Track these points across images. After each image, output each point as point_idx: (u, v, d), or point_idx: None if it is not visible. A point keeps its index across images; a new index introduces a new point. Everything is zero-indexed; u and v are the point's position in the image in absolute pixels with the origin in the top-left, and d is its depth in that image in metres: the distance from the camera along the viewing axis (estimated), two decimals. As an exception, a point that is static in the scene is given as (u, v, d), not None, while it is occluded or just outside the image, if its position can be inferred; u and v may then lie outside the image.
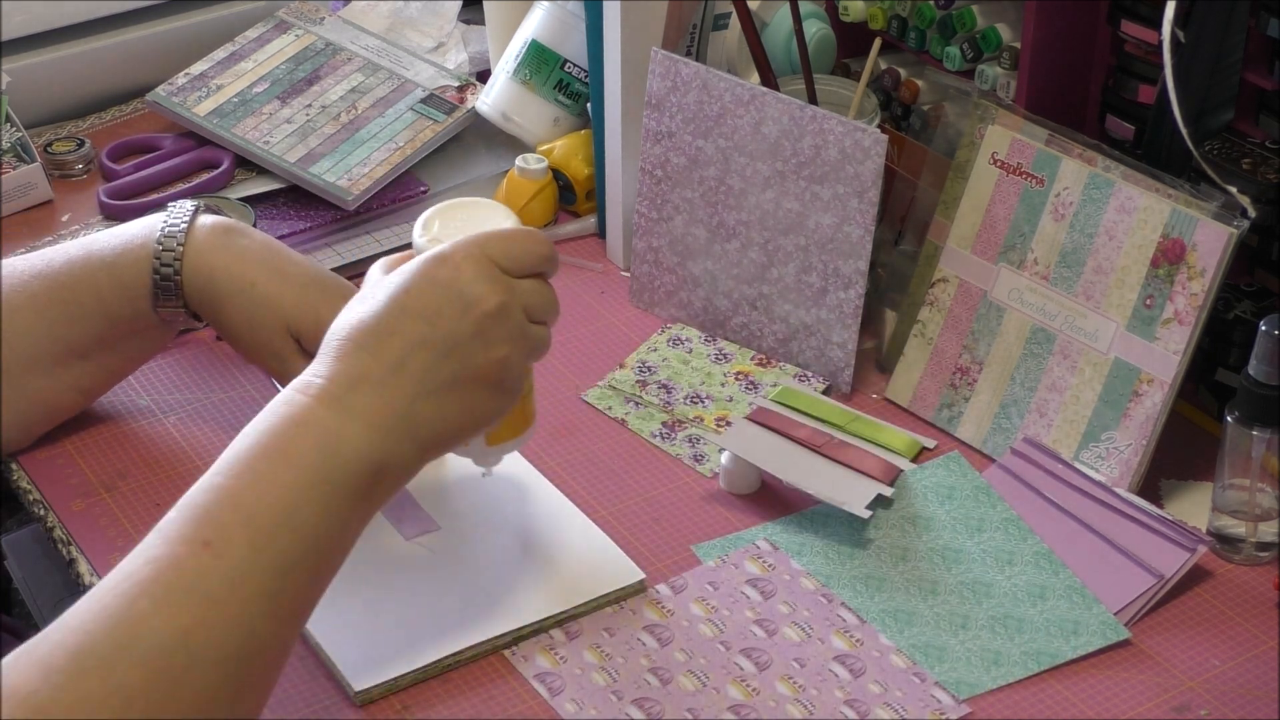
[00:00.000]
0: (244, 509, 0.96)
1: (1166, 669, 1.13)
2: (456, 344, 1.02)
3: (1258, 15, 1.22)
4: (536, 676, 1.11)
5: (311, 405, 1.00)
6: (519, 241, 1.05)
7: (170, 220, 1.25)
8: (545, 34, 1.56)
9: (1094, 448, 1.25)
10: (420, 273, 1.03)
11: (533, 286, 1.06)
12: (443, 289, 1.02)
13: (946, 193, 1.32)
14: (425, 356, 1.01)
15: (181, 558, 0.95)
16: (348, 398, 1.00)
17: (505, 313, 1.03)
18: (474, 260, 1.03)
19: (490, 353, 1.03)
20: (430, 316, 1.02)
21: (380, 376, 1.01)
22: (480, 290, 1.02)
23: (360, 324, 1.02)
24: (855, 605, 1.17)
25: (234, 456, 0.99)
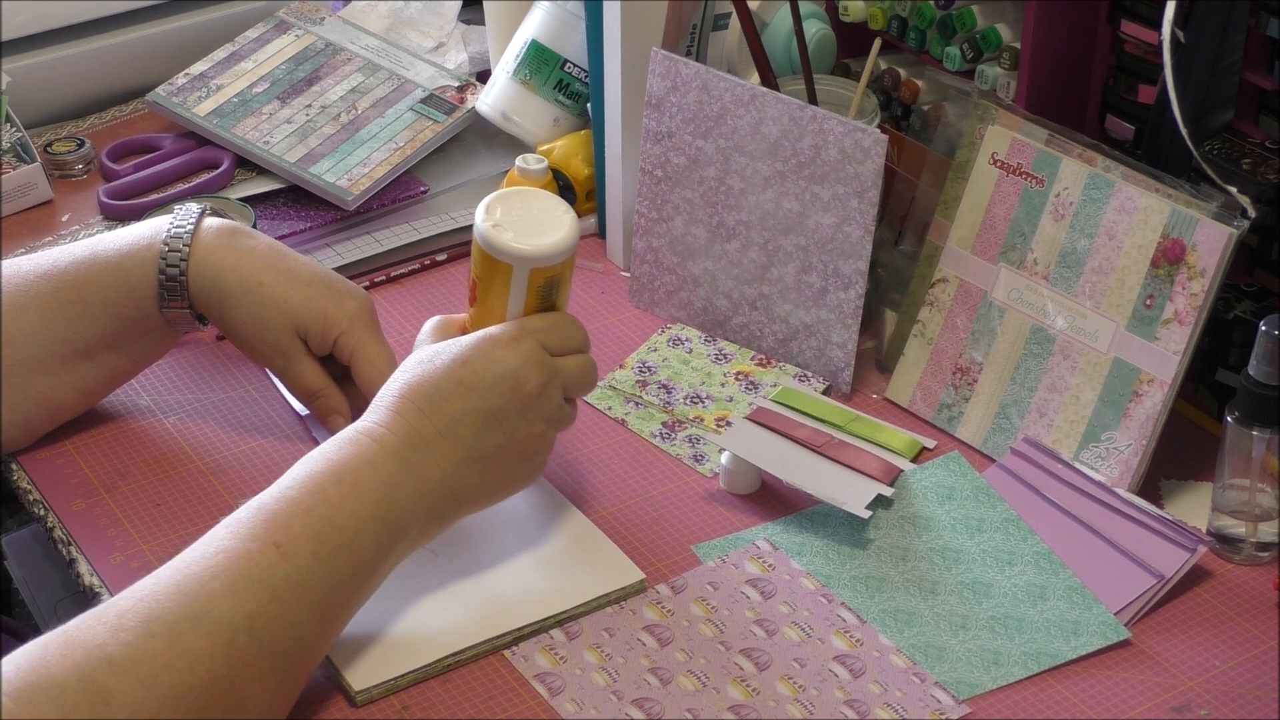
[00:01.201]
0: (314, 524, 1.06)
1: (1166, 669, 1.13)
2: (503, 418, 1.13)
3: (1258, 15, 1.22)
4: (536, 676, 1.11)
5: (379, 452, 1.10)
6: (562, 328, 1.17)
7: (176, 222, 1.26)
8: (545, 34, 1.56)
9: (1094, 448, 1.25)
10: (477, 350, 1.14)
11: (574, 365, 1.18)
12: (496, 367, 1.13)
13: (946, 193, 1.32)
14: (474, 425, 1.12)
15: (253, 552, 1.03)
16: (405, 451, 1.10)
17: (547, 393, 1.15)
18: (524, 344, 1.14)
19: (530, 428, 1.15)
20: (483, 391, 1.13)
21: (432, 438, 1.11)
22: (528, 372, 1.14)
23: (419, 386, 1.13)
24: (855, 605, 1.17)
25: (307, 476, 1.08)
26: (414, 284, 1.49)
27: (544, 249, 1.15)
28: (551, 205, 1.18)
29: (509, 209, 1.16)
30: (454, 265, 1.51)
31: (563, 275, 1.17)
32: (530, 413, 1.14)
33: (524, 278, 1.15)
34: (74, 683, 0.96)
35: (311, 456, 1.10)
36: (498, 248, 1.15)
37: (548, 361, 1.15)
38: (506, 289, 1.16)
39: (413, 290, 1.48)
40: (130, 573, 1.19)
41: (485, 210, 1.16)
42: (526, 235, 1.15)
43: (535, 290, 1.16)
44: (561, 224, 1.16)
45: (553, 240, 1.15)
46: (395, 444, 1.10)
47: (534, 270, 1.15)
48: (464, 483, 1.13)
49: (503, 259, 1.15)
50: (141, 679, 0.97)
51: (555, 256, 1.16)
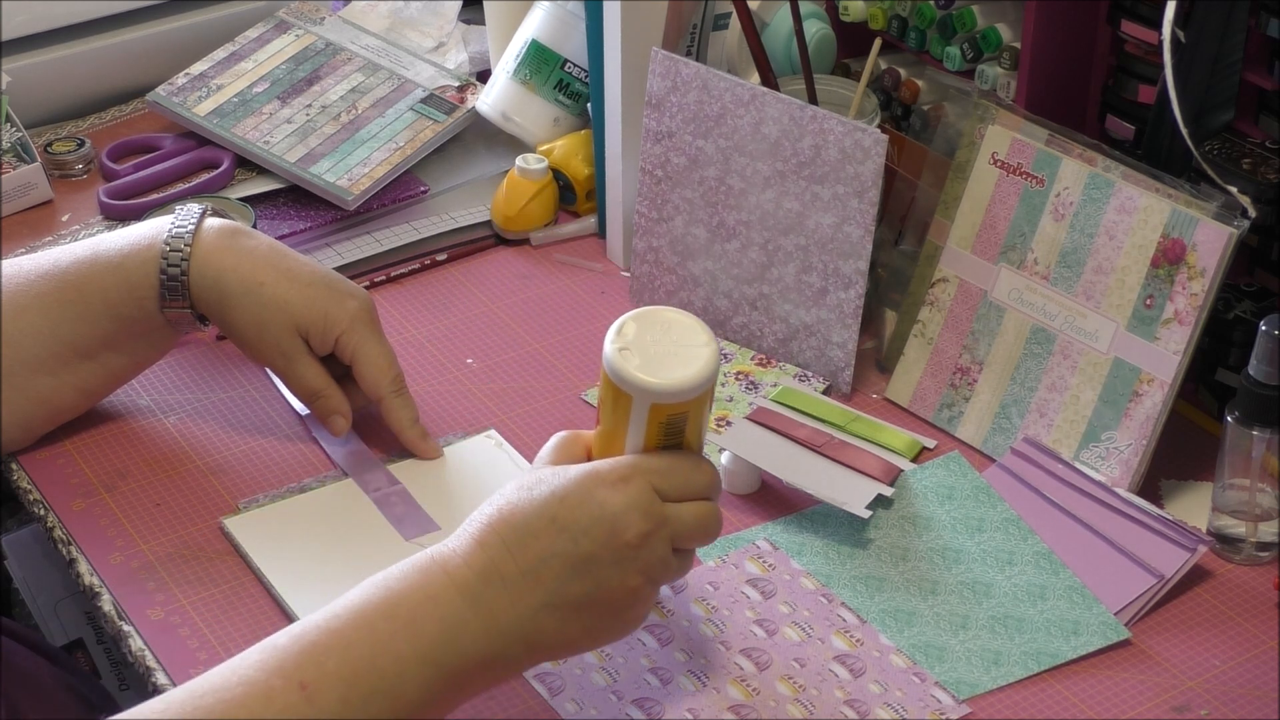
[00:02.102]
0: (351, 664, 0.97)
1: (1166, 669, 1.13)
2: (594, 566, 1.01)
3: (1258, 15, 1.22)
4: (536, 676, 1.11)
5: (446, 585, 1.00)
6: (683, 471, 1.04)
7: (178, 222, 1.26)
8: (545, 34, 1.56)
9: (1094, 448, 1.25)
10: (579, 485, 1.02)
11: (690, 513, 1.04)
12: (595, 509, 1.01)
13: (946, 193, 1.32)
14: (560, 570, 1.01)
15: (275, 690, 0.95)
16: (478, 587, 1.00)
17: (649, 544, 1.02)
18: (633, 486, 1.02)
19: (625, 581, 1.02)
20: (575, 533, 1.01)
21: (512, 577, 1.01)
22: (630, 519, 1.01)
23: (511, 517, 1.02)
24: (855, 605, 1.17)
25: (360, 605, 0.99)
26: (414, 284, 1.49)
27: (670, 385, 1.02)
28: (693, 333, 1.04)
29: (644, 331, 1.04)
30: (454, 265, 1.51)
31: (692, 413, 1.04)
32: (626, 563, 1.02)
33: (644, 411, 1.03)
34: None
35: (374, 581, 1.00)
36: (621, 375, 1.02)
37: (656, 509, 1.02)
38: (626, 419, 1.04)
39: (413, 290, 1.48)
40: (130, 573, 1.19)
41: (617, 331, 1.04)
42: (655, 366, 1.02)
43: (657, 425, 1.04)
44: (697, 357, 1.03)
45: (682, 376, 1.02)
46: (469, 578, 1.00)
47: (656, 405, 1.03)
48: (541, 629, 1.01)
49: (624, 388, 1.03)
50: None
51: (682, 394, 1.02)
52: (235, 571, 1.19)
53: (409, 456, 1.28)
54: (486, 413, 1.34)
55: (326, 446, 1.29)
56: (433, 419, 1.32)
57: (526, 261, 1.51)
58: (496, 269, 1.50)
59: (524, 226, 1.52)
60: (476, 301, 1.46)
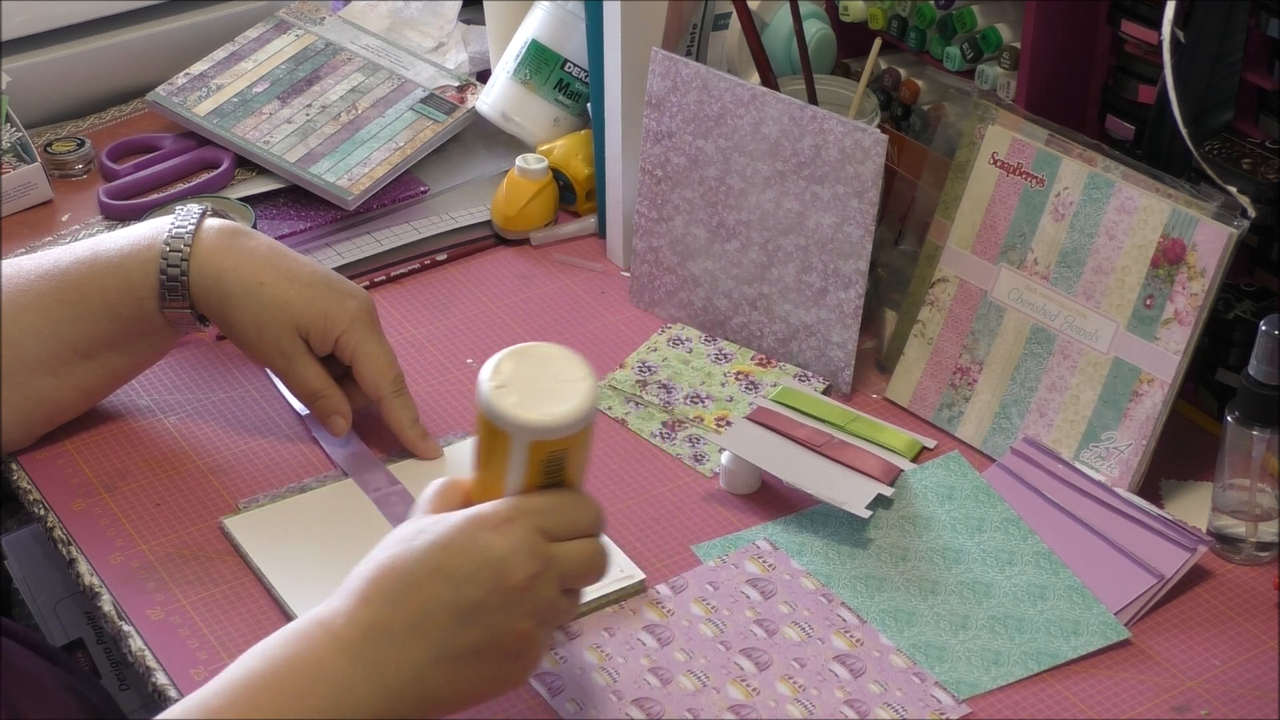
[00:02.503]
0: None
1: (1166, 669, 1.13)
2: (482, 613, 0.98)
3: (1258, 15, 1.22)
4: (536, 676, 1.11)
5: (330, 648, 0.97)
6: (566, 509, 1.02)
7: (178, 222, 1.26)
8: (545, 34, 1.56)
9: (1094, 448, 1.25)
10: (461, 531, 0.99)
11: (576, 551, 1.02)
12: (478, 554, 0.98)
13: (946, 193, 1.32)
14: (447, 620, 0.98)
15: None
16: (364, 645, 0.97)
17: (536, 586, 0.99)
18: (516, 528, 0.99)
19: (515, 625, 0.99)
20: (459, 582, 0.98)
21: (398, 632, 0.97)
22: (516, 561, 0.98)
23: (393, 570, 0.99)
24: (855, 605, 1.17)
25: (240, 680, 0.96)
26: (414, 284, 1.49)
27: (547, 421, 0.99)
28: (570, 368, 1.01)
29: (520, 368, 1.01)
30: (454, 265, 1.51)
31: (571, 449, 1.01)
32: (515, 607, 0.99)
33: (524, 449, 1.00)
34: None
35: (254, 651, 0.97)
36: (498, 414, 0.99)
37: (541, 549, 0.99)
38: (506, 460, 1.01)
39: (413, 290, 1.48)
40: (130, 573, 1.19)
41: (493, 369, 1.01)
42: (531, 402, 0.99)
43: (538, 464, 1.01)
44: (575, 392, 1.00)
45: (560, 411, 0.99)
46: (354, 638, 0.97)
47: (535, 443, 1.00)
48: (433, 684, 0.98)
49: (502, 427, 0.99)
50: None
51: (559, 430, 0.99)
52: (235, 571, 1.19)
53: (409, 456, 1.28)
54: (486, 413, 1.34)
55: (326, 447, 1.29)
56: (433, 419, 1.32)
57: (526, 261, 1.51)
58: (496, 269, 1.50)
59: (524, 226, 1.52)
60: (476, 301, 1.46)
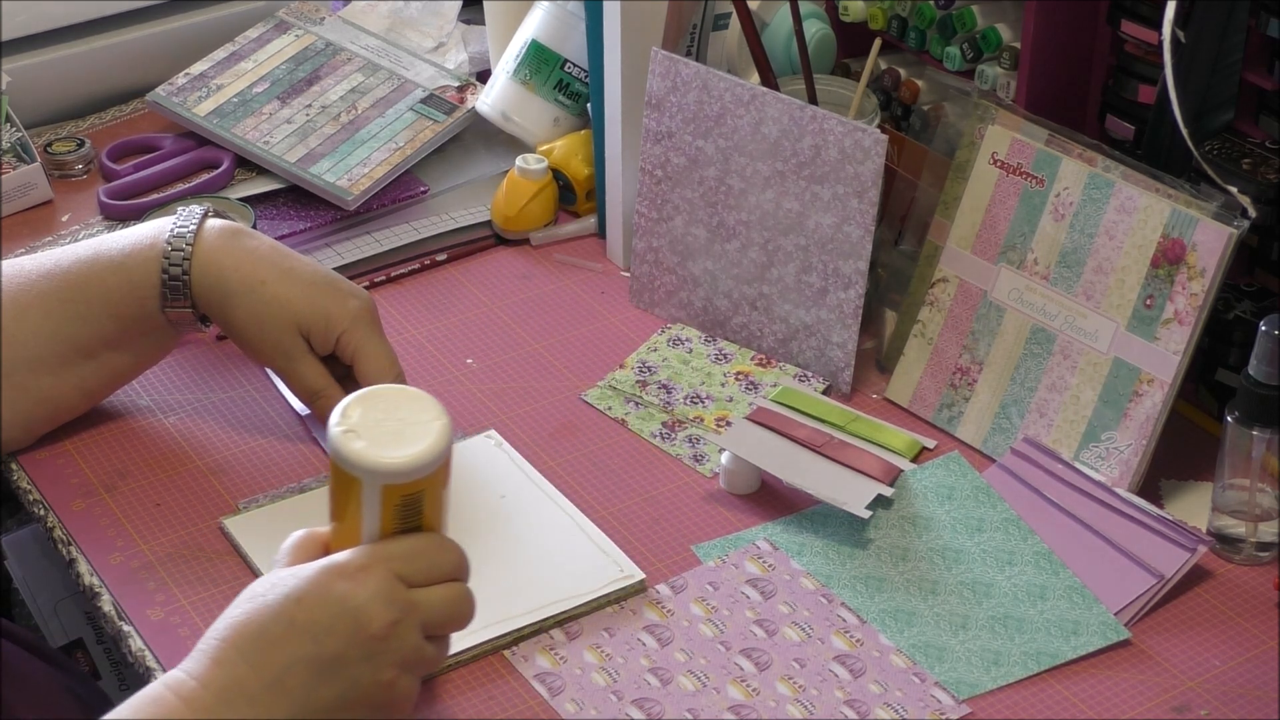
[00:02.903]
0: None
1: (1166, 669, 1.13)
2: (342, 666, 0.96)
3: (1258, 15, 1.22)
4: (536, 676, 1.11)
5: (184, 713, 0.94)
6: (426, 554, 0.99)
7: (179, 222, 1.26)
8: (545, 34, 1.56)
9: (1094, 448, 1.25)
10: (315, 582, 0.96)
11: (438, 596, 1.00)
12: (335, 605, 0.96)
13: (946, 193, 1.32)
14: (307, 676, 0.95)
15: None
16: (219, 710, 0.94)
17: (397, 633, 0.97)
18: (373, 576, 0.97)
19: (378, 675, 0.97)
20: (317, 634, 0.95)
21: (256, 692, 0.95)
22: (374, 610, 0.96)
23: (246, 627, 0.96)
24: (855, 605, 1.17)
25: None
26: (414, 284, 1.49)
27: (397, 464, 0.97)
28: (421, 409, 0.99)
29: (369, 410, 0.99)
30: (454, 265, 1.51)
31: (426, 491, 0.99)
32: (377, 658, 0.97)
33: (376, 494, 0.98)
34: None
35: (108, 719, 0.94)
36: (344, 458, 0.97)
37: (400, 596, 0.97)
38: (359, 505, 0.98)
39: (413, 290, 1.48)
40: (130, 573, 1.19)
41: (341, 412, 0.98)
42: (381, 445, 0.97)
43: (392, 508, 0.99)
44: (426, 433, 0.98)
45: (410, 453, 0.97)
46: (207, 703, 0.93)
47: (387, 487, 0.98)
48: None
49: (352, 473, 0.97)
50: None
51: (410, 473, 0.97)
52: (235, 571, 1.19)
53: (409, 457, 1.28)
54: (486, 413, 1.34)
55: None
56: (433, 419, 1.32)
57: (526, 261, 1.51)
58: (496, 269, 1.50)
59: (524, 226, 1.52)
60: (476, 301, 1.46)
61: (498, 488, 1.25)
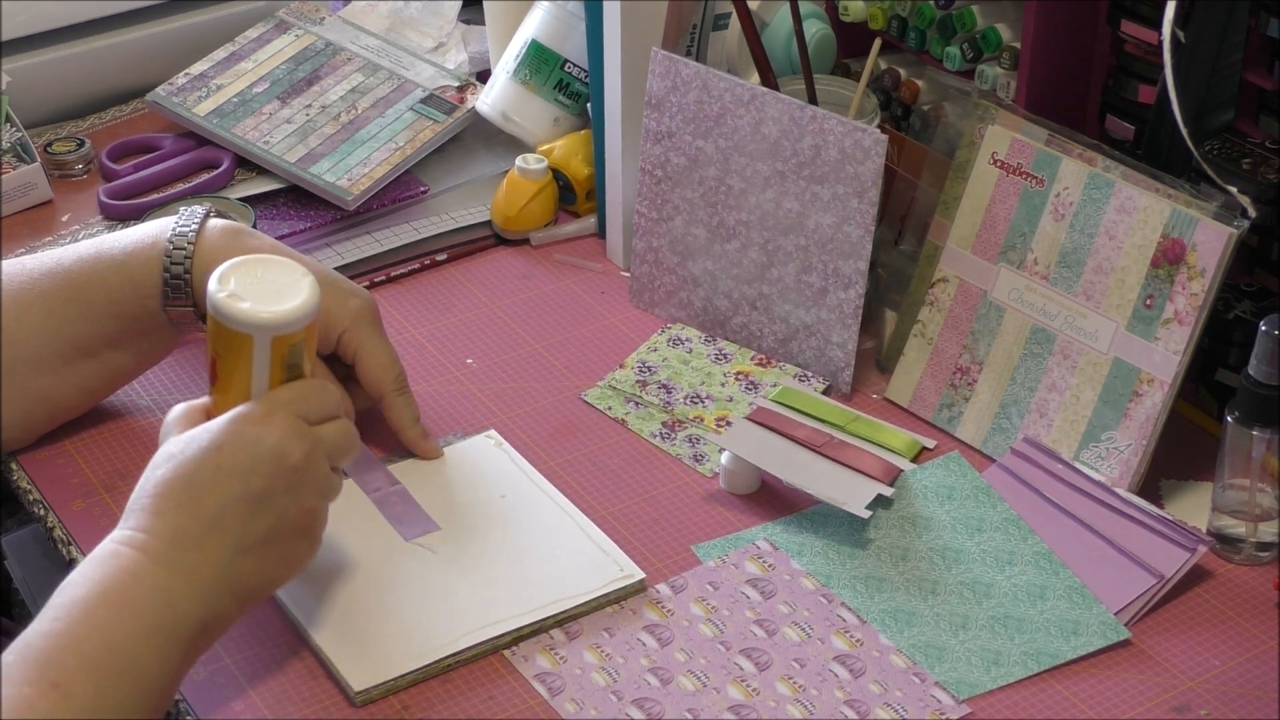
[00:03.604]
0: (88, 655, 0.98)
1: (1166, 669, 1.13)
2: (270, 498, 1.05)
3: (1258, 15, 1.22)
4: (536, 676, 1.11)
5: (142, 560, 1.02)
6: (314, 395, 1.10)
7: (181, 221, 1.26)
8: (545, 34, 1.56)
9: (1094, 448, 1.25)
10: (230, 431, 1.05)
11: (334, 430, 1.10)
12: (254, 446, 1.05)
13: (946, 193, 1.32)
14: (240, 512, 1.04)
15: (31, 699, 0.96)
16: (171, 554, 1.03)
17: (311, 463, 1.07)
18: (279, 417, 1.07)
19: (302, 503, 1.07)
20: (243, 474, 1.05)
21: (198, 534, 1.03)
22: (288, 445, 1.06)
23: (175, 481, 1.04)
24: (855, 605, 1.17)
25: (70, 603, 1.00)
26: (414, 284, 1.49)
27: (284, 315, 1.07)
28: (288, 270, 1.10)
29: (244, 278, 1.08)
30: (454, 265, 1.51)
31: (307, 341, 1.10)
32: (299, 488, 1.07)
33: (266, 348, 1.08)
34: None
35: (71, 581, 1.01)
36: (235, 318, 1.07)
37: (307, 431, 1.07)
38: (249, 362, 1.08)
39: (413, 290, 1.48)
40: (130, 573, 1.19)
41: (218, 280, 1.08)
42: (264, 302, 1.07)
43: (279, 360, 1.09)
44: (300, 288, 1.09)
45: (292, 305, 1.08)
46: (159, 549, 1.02)
47: (276, 339, 1.08)
48: (241, 575, 1.05)
49: (242, 329, 1.07)
50: None
51: (297, 322, 1.08)
52: (235, 571, 1.19)
53: (409, 456, 1.28)
54: (486, 413, 1.34)
55: (326, 446, 1.29)
56: (433, 419, 1.32)
57: (526, 261, 1.51)
58: (496, 269, 1.50)
59: (524, 226, 1.52)
60: (476, 301, 1.46)
61: (498, 487, 1.25)
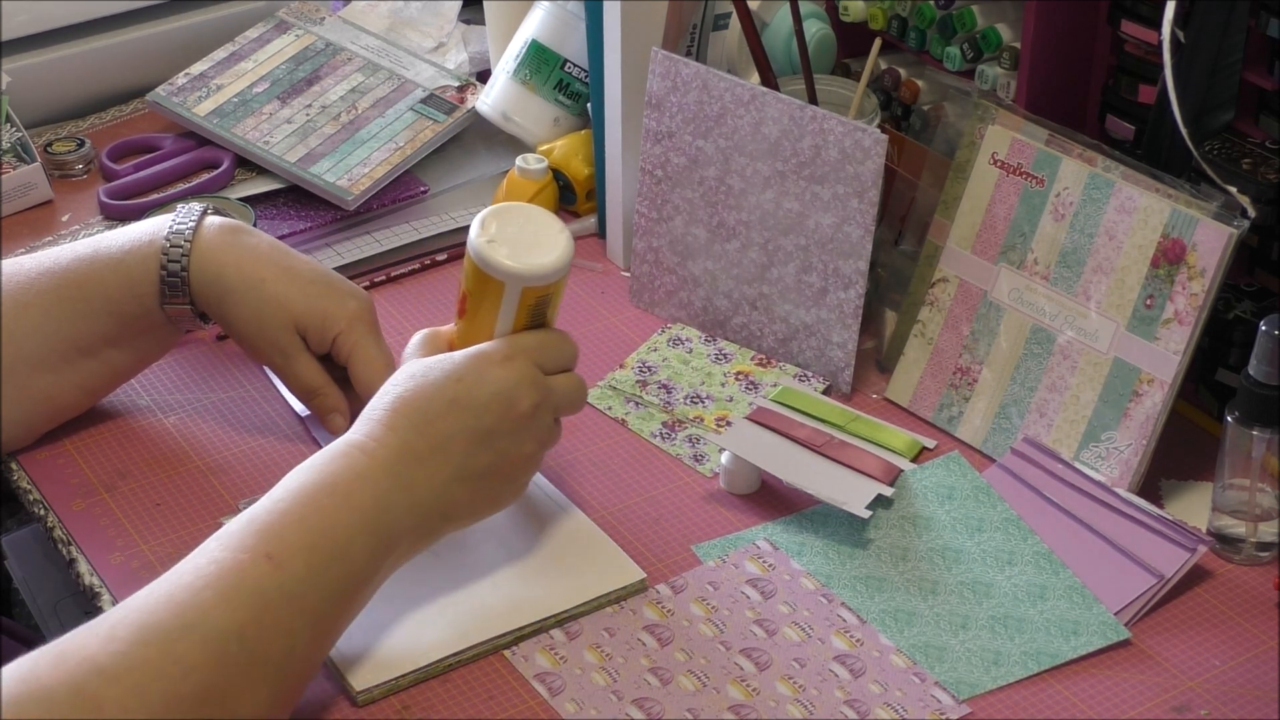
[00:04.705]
0: (307, 534, 1.04)
1: (1166, 669, 1.13)
2: (494, 438, 1.12)
3: (1258, 15, 1.22)
4: (536, 676, 1.11)
5: (371, 465, 1.08)
6: (554, 346, 1.16)
7: (178, 220, 1.26)
8: (545, 34, 1.56)
9: (1094, 448, 1.25)
10: (470, 366, 1.12)
11: (565, 384, 1.17)
12: (490, 385, 1.12)
13: (946, 193, 1.32)
14: (466, 444, 1.11)
15: (244, 564, 1.02)
16: (397, 466, 1.09)
17: (538, 414, 1.14)
18: (518, 363, 1.13)
19: (521, 448, 1.14)
20: (476, 410, 1.11)
21: (424, 453, 1.10)
22: (521, 392, 1.13)
23: (411, 400, 1.11)
24: (855, 605, 1.17)
25: (298, 487, 1.07)
26: (414, 284, 1.49)
27: (538, 268, 1.14)
28: (548, 223, 1.16)
29: (504, 225, 1.15)
30: (454, 265, 1.51)
31: (554, 294, 1.16)
32: (522, 433, 1.13)
33: (516, 296, 1.14)
34: (64, 692, 0.94)
35: (303, 468, 1.09)
36: (491, 264, 1.13)
37: (541, 381, 1.14)
38: (498, 306, 1.15)
39: (413, 290, 1.48)
40: (130, 573, 1.19)
41: (480, 225, 1.14)
42: (521, 253, 1.13)
43: (526, 308, 1.15)
44: (557, 244, 1.15)
45: (548, 260, 1.14)
46: (387, 458, 1.09)
47: (526, 289, 1.14)
48: (453, 500, 1.11)
49: (496, 275, 1.13)
50: (133, 687, 0.96)
51: (549, 276, 1.14)
52: (235, 571, 1.19)
53: (409, 456, 1.29)
54: (486, 413, 1.34)
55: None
56: (433, 419, 1.32)
57: (526, 261, 1.51)
58: (496, 269, 1.50)
59: (524, 226, 1.52)
60: (476, 301, 1.46)
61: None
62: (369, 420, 1.11)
